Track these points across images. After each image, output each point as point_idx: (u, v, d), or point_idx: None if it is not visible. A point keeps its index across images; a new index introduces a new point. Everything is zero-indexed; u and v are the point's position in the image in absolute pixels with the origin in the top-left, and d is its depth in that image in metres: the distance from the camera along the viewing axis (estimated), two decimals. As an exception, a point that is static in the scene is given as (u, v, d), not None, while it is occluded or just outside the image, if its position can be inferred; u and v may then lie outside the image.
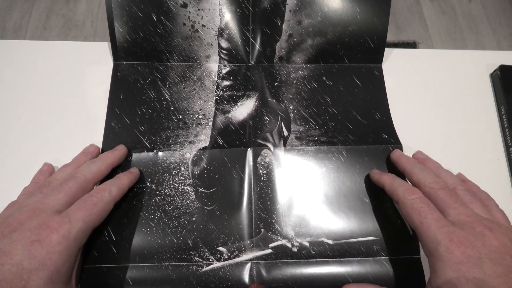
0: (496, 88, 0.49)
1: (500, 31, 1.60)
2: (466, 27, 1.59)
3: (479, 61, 0.51)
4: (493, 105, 0.49)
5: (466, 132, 0.47)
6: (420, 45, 1.55)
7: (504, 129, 0.47)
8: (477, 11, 1.63)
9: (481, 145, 0.46)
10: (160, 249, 0.39)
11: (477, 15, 1.62)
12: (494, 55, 0.52)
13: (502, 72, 0.48)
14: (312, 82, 0.47)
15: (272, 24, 0.47)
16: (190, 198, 0.41)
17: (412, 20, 1.59)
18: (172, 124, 0.44)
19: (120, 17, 0.45)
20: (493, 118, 0.48)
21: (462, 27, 1.59)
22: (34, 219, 0.31)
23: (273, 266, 0.38)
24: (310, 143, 0.44)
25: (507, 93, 0.47)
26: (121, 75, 0.46)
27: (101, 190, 0.36)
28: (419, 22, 1.59)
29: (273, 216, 0.40)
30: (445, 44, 1.56)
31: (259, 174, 0.42)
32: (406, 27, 1.58)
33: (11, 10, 1.49)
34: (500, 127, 0.47)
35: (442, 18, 1.60)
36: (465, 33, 1.58)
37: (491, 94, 0.49)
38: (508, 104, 0.47)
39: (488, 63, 0.51)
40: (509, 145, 0.45)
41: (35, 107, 0.45)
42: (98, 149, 0.42)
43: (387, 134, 0.44)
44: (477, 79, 0.50)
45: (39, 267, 0.29)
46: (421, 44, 1.55)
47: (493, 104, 0.49)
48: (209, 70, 0.47)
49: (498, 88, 0.49)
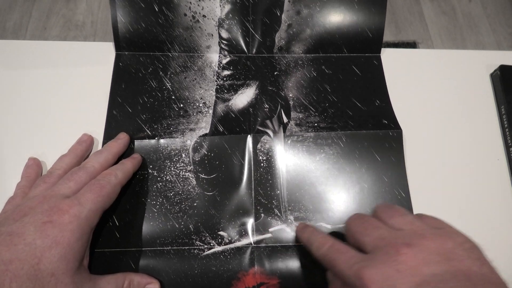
0: (496, 88, 0.49)
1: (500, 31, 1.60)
2: (466, 27, 1.60)
3: (479, 61, 0.51)
4: (493, 105, 0.49)
5: (466, 132, 0.47)
6: (420, 45, 1.55)
7: (504, 129, 0.47)
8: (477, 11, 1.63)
9: (481, 145, 0.46)
10: (162, 234, 0.39)
11: (477, 15, 1.63)
12: (494, 55, 0.52)
13: (502, 72, 0.48)
14: (312, 72, 0.48)
15: (271, 15, 0.48)
16: (191, 184, 0.41)
17: (412, 20, 1.60)
18: (173, 112, 0.45)
19: (122, 7, 0.46)
20: (493, 118, 0.48)
21: (462, 27, 1.60)
22: (44, 203, 0.32)
23: (273, 250, 0.39)
24: (309, 129, 0.44)
25: (507, 93, 0.47)
26: (123, 65, 0.47)
27: (107, 174, 0.36)
28: (419, 22, 1.60)
29: (272, 201, 0.41)
30: (445, 44, 1.56)
31: (259, 160, 0.42)
32: (406, 27, 1.58)
33: (11, 10, 1.50)
34: (500, 127, 0.47)
35: (442, 18, 1.61)
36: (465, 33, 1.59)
37: (491, 94, 0.49)
38: (508, 104, 0.47)
39: (488, 63, 0.51)
40: (509, 145, 0.45)
41: (35, 107, 0.45)
42: (91, 137, 0.43)
43: (386, 120, 0.45)
44: (477, 79, 0.50)
45: (52, 244, 0.29)
46: (421, 44, 1.55)
47: (493, 104, 0.49)
48: (210, 60, 0.48)
49: (498, 88, 0.48)
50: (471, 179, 0.44)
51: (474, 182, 0.44)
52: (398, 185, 0.42)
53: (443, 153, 0.45)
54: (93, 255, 0.38)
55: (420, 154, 0.45)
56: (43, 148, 0.43)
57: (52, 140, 0.44)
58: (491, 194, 0.44)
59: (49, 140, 0.44)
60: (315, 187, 0.42)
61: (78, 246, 0.31)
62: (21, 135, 0.44)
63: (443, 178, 0.44)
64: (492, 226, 0.42)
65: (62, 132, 0.44)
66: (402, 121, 0.45)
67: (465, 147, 0.46)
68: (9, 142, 0.43)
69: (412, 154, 0.44)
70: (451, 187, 0.44)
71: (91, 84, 0.47)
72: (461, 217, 0.42)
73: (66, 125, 0.44)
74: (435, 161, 0.45)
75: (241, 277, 0.38)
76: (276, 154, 0.43)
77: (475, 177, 0.45)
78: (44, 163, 0.42)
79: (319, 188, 0.42)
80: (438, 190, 0.43)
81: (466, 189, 0.44)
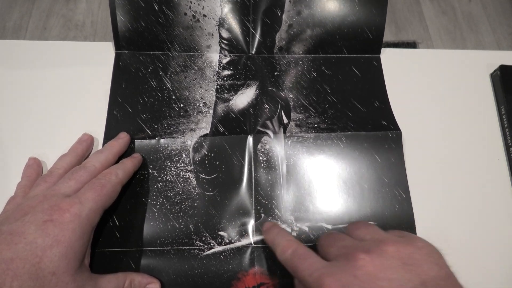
0: (496, 88, 0.49)
1: (500, 31, 1.60)
2: (466, 27, 1.60)
3: (479, 61, 0.51)
4: (493, 105, 0.49)
5: (466, 132, 0.47)
6: (420, 45, 1.55)
7: (504, 129, 0.47)
8: (477, 11, 1.64)
9: (481, 145, 0.46)
10: (162, 234, 0.39)
11: (477, 15, 1.63)
12: (494, 55, 0.52)
13: (502, 72, 0.48)
14: (312, 72, 0.48)
15: (272, 15, 0.48)
16: (192, 184, 0.41)
17: (412, 20, 1.60)
18: (174, 112, 0.45)
19: (122, 6, 0.46)
20: (493, 118, 0.48)
21: (462, 27, 1.60)
22: (45, 202, 0.32)
23: None
24: (309, 130, 0.44)
25: (507, 93, 0.47)
26: (123, 64, 0.47)
27: (108, 174, 0.36)
28: (419, 22, 1.60)
29: (273, 201, 0.41)
30: (445, 44, 1.56)
31: (259, 161, 0.42)
32: (406, 27, 1.58)
33: (11, 10, 1.50)
34: (500, 127, 0.47)
35: (442, 18, 1.61)
36: (465, 33, 1.59)
37: (491, 94, 0.49)
38: (508, 104, 0.47)
39: (488, 63, 0.51)
40: (509, 145, 0.45)
41: (35, 107, 0.45)
42: (92, 137, 0.43)
43: (386, 121, 0.45)
44: (477, 79, 0.50)
45: (52, 243, 0.29)
46: (421, 44, 1.55)
47: (493, 104, 0.49)
48: (210, 60, 0.48)
49: (498, 88, 0.48)
50: (471, 179, 0.44)
51: (474, 182, 0.44)
52: (398, 185, 0.42)
53: (443, 153, 0.45)
54: (93, 255, 0.38)
55: (420, 154, 0.45)
56: (43, 148, 0.43)
57: (52, 139, 0.44)
58: (491, 194, 0.44)
59: (50, 139, 0.44)
60: (315, 188, 0.42)
61: (79, 245, 0.31)
62: (22, 135, 0.44)
63: (443, 178, 0.44)
64: (492, 226, 0.42)
65: (62, 132, 0.44)
66: (402, 121, 0.45)
67: (465, 147, 0.46)
68: (10, 142, 0.43)
69: (412, 154, 0.44)
70: (451, 187, 0.44)
71: (91, 84, 0.47)
72: (461, 217, 0.42)
73: (67, 125, 0.44)
74: (435, 161, 0.45)
75: (241, 277, 0.38)
76: (276, 155, 0.43)
77: (475, 177, 0.45)
78: (45, 162, 0.42)
79: (319, 189, 0.42)
80: (438, 190, 0.43)
81: (466, 189, 0.44)
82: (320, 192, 0.42)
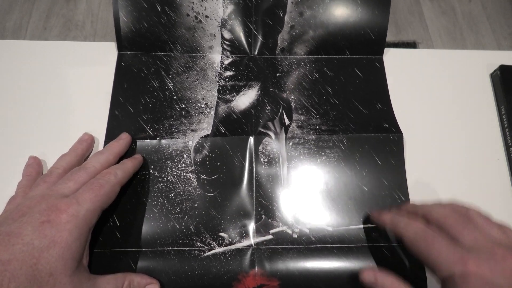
0: (496, 88, 0.49)
1: (500, 31, 1.60)
2: (466, 27, 1.60)
3: (479, 61, 0.51)
4: (493, 105, 0.49)
5: (466, 132, 0.47)
6: (420, 45, 1.55)
7: (504, 129, 0.47)
8: (477, 11, 1.64)
9: (481, 145, 0.46)
10: (162, 235, 0.39)
11: (477, 15, 1.63)
12: (494, 55, 0.52)
13: (502, 72, 0.48)
14: (314, 73, 0.48)
15: (274, 16, 0.48)
16: (192, 184, 0.41)
17: (412, 20, 1.60)
18: (175, 113, 0.45)
19: (125, 7, 0.46)
20: (493, 118, 0.48)
21: (462, 27, 1.60)
22: (43, 203, 0.32)
23: (274, 251, 0.39)
24: (311, 132, 0.44)
25: (507, 93, 0.47)
26: (125, 64, 0.47)
27: (107, 174, 0.36)
28: (419, 22, 1.60)
29: (273, 203, 0.41)
30: (445, 44, 1.56)
31: (260, 162, 0.42)
32: (406, 27, 1.58)
33: (11, 10, 1.49)
34: (500, 127, 0.47)
35: (442, 18, 1.61)
36: (465, 33, 1.59)
37: (491, 94, 0.49)
38: (508, 104, 0.47)
39: (488, 63, 0.51)
40: (509, 145, 0.46)
41: (35, 107, 0.45)
42: (92, 137, 0.43)
43: (387, 124, 0.45)
44: (477, 79, 0.50)
45: (49, 244, 0.29)
46: (421, 44, 1.56)
47: (493, 104, 0.49)
48: (212, 60, 0.48)
49: (498, 88, 0.48)
50: (471, 180, 0.45)
51: (474, 183, 0.44)
52: (398, 188, 0.42)
53: (442, 152, 0.46)
54: (93, 255, 0.38)
55: (420, 154, 0.45)
56: (44, 148, 0.43)
57: (53, 139, 0.44)
58: (491, 194, 0.44)
59: (50, 139, 0.44)
60: (316, 190, 0.42)
61: (76, 245, 0.31)
62: (22, 135, 0.44)
63: (443, 178, 0.44)
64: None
65: (63, 131, 0.44)
66: (402, 121, 0.45)
67: (465, 147, 0.46)
68: (10, 141, 0.43)
69: (412, 154, 0.44)
70: (451, 187, 0.44)
71: (92, 84, 0.47)
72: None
73: (67, 125, 0.44)
74: (434, 161, 0.45)
75: (241, 278, 0.38)
76: (278, 156, 0.43)
77: (475, 177, 0.45)
78: (45, 162, 0.42)
79: (320, 191, 0.42)
80: (438, 191, 0.43)
81: (466, 189, 0.44)
82: (320, 194, 0.42)
